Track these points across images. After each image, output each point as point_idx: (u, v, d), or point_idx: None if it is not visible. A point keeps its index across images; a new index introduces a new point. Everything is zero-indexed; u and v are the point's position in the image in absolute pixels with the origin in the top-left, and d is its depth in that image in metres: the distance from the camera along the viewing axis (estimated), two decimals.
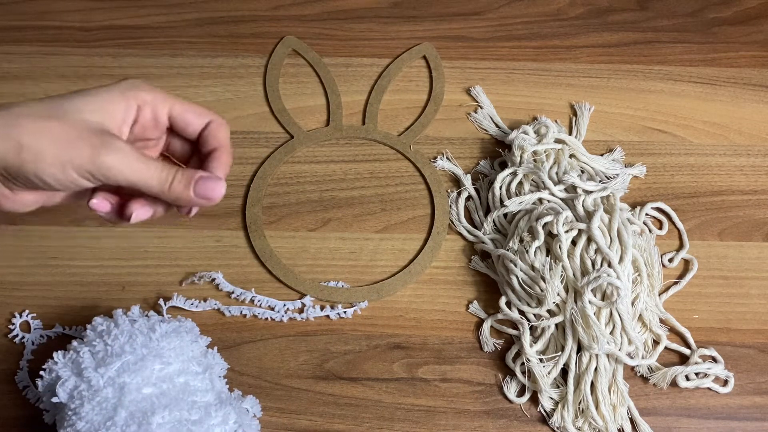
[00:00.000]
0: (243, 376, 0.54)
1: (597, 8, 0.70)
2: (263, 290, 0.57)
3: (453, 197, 0.61)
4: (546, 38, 0.68)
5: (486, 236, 0.58)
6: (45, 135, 0.37)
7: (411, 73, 0.67)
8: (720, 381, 0.54)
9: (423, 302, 0.57)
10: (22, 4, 0.69)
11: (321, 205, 0.61)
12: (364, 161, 0.63)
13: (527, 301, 0.54)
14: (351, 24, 0.69)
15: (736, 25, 0.69)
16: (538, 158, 0.60)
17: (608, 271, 0.52)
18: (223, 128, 0.43)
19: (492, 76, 0.66)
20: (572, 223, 0.54)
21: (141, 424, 0.45)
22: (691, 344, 0.55)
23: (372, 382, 0.54)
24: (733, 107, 0.65)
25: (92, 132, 0.38)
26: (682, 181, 0.62)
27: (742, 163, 0.63)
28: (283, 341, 0.55)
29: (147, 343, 0.48)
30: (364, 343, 0.56)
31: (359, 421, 0.53)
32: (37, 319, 0.56)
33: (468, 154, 0.63)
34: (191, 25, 0.68)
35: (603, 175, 0.61)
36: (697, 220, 0.60)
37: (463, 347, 0.56)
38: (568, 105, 0.65)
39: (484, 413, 0.53)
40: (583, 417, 0.52)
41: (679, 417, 0.53)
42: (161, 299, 0.56)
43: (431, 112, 0.64)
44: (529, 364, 0.53)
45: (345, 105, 0.65)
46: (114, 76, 0.65)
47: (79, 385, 0.47)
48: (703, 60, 0.67)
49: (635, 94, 0.66)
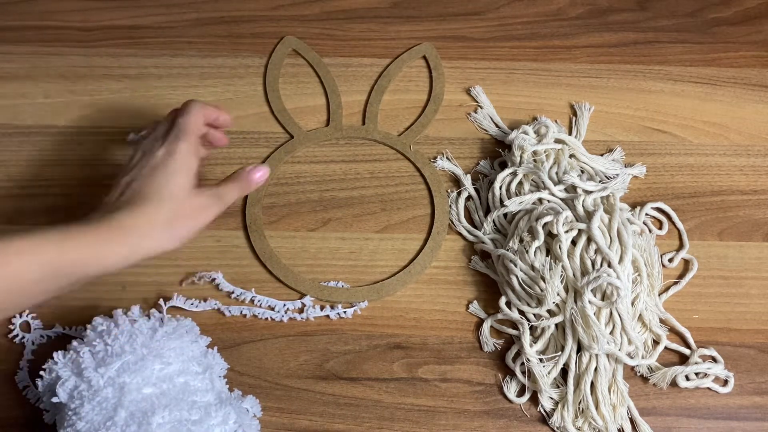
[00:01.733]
0: (243, 376, 0.54)
1: (597, 8, 0.70)
2: (263, 290, 0.57)
3: (453, 197, 0.61)
4: (546, 38, 0.68)
5: (486, 236, 0.58)
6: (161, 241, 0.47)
7: (411, 73, 0.67)
8: (720, 381, 0.54)
9: (423, 302, 0.57)
10: (22, 4, 0.69)
11: (321, 205, 0.61)
12: (364, 161, 0.63)
13: (527, 301, 0.54)
14: (351, 24, 0.69)
15: (736, 25, 0.69)
16: (538, 158, 0.60)
17: (608, 271, 0.52)
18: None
19: (492, 76, 0.66)
20: (572, 223, 0.54)
21: (141, 424, 0.45)
22: (691, 344, 0.55)
23: (372, 382, 0.54)
24: (733, 107, 0.65)
25: (191, 210, 0.49)
26: (682, 181, 0.62)
27: (742, 163, 0.63)
28: (283, 341, 0.56)
29: (147, 343, 0.48)
30: (364, 343, 0.56)
31: (359, 421, 0.53)
32: (37, 319, 0.56)
33: (468, 154, 0.63)
34: (191, 25, 0.68)
35: (603, 175, 0.61)
36: (697, 220, 0.60)
37: (463, 347, 0.56)
38: (568, 105, 0.65)
39: (484, 413, 0.53)
40: (583, 417, 0.52)
41: (679, 417, 0.53)
42: (161, 299, 0.56)
43: (431, 112, 0.64)
44: (529, 364, 0.53)
45: (345, 105, 0.65)
46: (114, 76, 0.65)
47: (79, 385, 0.47)
48: (703, 60, 0.67)
49: (635, 94, 0.66)
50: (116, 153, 0.62)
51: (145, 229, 0.46)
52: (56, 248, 0.43)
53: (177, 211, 0.47)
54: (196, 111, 0.52)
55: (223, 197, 0.51)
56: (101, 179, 0.61)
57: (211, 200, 0.50)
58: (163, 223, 0.47)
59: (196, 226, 0.48)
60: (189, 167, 0.49)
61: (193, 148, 0.51)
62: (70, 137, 0.63)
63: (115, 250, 0.45)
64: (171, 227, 0.47)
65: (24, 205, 0.60)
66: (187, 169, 0.49)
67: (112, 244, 0.45)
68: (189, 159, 0.50)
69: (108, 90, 0.65)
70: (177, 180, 0.48)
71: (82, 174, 0.61)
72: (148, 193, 0.47)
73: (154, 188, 0.47)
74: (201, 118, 0.53)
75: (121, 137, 0.62)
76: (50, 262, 0.42)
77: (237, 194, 0.52)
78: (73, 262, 0.43)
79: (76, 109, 0.64)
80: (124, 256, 0.45)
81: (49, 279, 0.43)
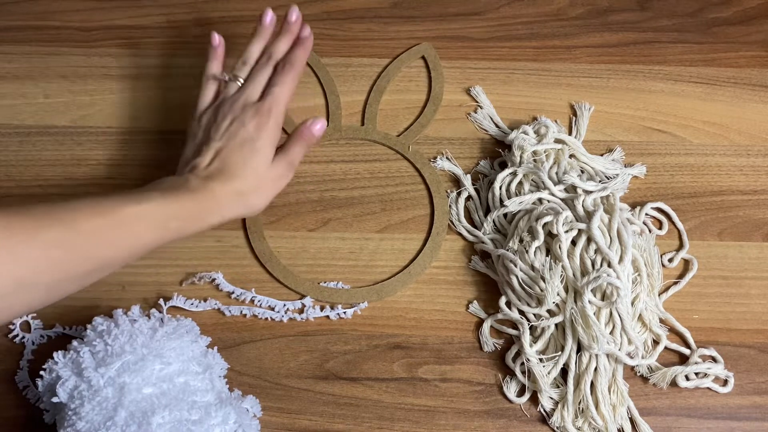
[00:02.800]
0: (243, 376, 0.54)
1: (597, 8, 0.70)
2: (263, 290, 0.57)
3: (453, 197, 0.61)
4: (546, 38, 0.68)
5: (486, 236, 0.58)
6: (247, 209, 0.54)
7: (410, 73, 0.67)
8: (720, 381, 0.54)
9: (423, 302, 0.57)
10: (22, 4, 0.69)
11: (321, 205, 0.61)
12: (364, 161, 0.63)
13: (527, 301, 0.54)
14: (350, 24, 0.69)
15: (736, 25, 0.69)
16: (538, 158, 0.60)
17: (608, 271, 0.52)
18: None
19: (492, 76, 0.66)
20: (572, 223, 0.54)
21: (141, 424, 0.45)
22: (691, 344, 0.55)
23: (372, 382, 0.54)
24: (733, 107, 0.65)
25: (271, 181, 0.55)
26: (682, 181, 0.62)
27: (742, 163, 0.63)
28: (283, 341, 0.56)
29: (147, 343, 0.48)
30: (364, 343, 0.56)
31: (359, 421, 0.53)
32: (37, 319, 0.56)
33: (468, 154, 0.63)
34: (191, 25, 0.68)
35: (603, 175, 0.61)
36: (697, 220, 0.60)
37: (463, 347, 0.56)
38: (568, 105, 0.65)
39: (484, 413, 0.53)
40: (583, 417, 0.52)
41: (679, 417, 0.53)
42: (161, 299, 0.56)
43: (430, 113, 0.64)
44: (529, 364, 0.53)
45: (344, 105, 0.65)
46: (114, 76, 0.65)
47: (79, 385, 0.47)
48: (703, 60, 0.67)
49: (635, 94, 0.66)
50: (116, 153, 0.62)
51: (234, 197, 0.52)
52: (167, 213, 0.49)
53: (259, 184, 0.54)
54: (291, 81, 0.57)
55: (294, 162, 0.56)
56: (101, 179, 0.61)
57: (285, 169, 0.55)
58: (248, 193, 0.53)
59: (274, 193, 0.55)
60: (273, 142, 0.55)
61: (280, 122, 0.56)
62: (70, 137, 0.63)
63: (211, 215, 0.51)
64: (255, 197, 0.53)
65: (24, 205, 0.60)
66: (271, 144, 0.54)
67: (209, 211, 0.51)
68: (275, 134, 0.55)
69: (108, 90, 0.65)
70: (262, 155, 0.54)
71: (81, 174, 0.61)
72: (237, 164, 0.53)
73: (242, 161, 0.53)
74: (294, 90, 0.57)
75: (121, 137, 0.63)
76: (164, 225, 0.49)
77: (303, 152, 0.57)
78: (179, 225, 0.49)
79: (76, 109, 0.64)
80: (217, 220, 0.52)
81: (160, 239, 0.49)
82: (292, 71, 0.57)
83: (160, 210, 0.48)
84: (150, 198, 0.48)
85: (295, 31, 0.60)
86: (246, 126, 0.54)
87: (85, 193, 0.60)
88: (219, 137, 0.54)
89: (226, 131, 0.54)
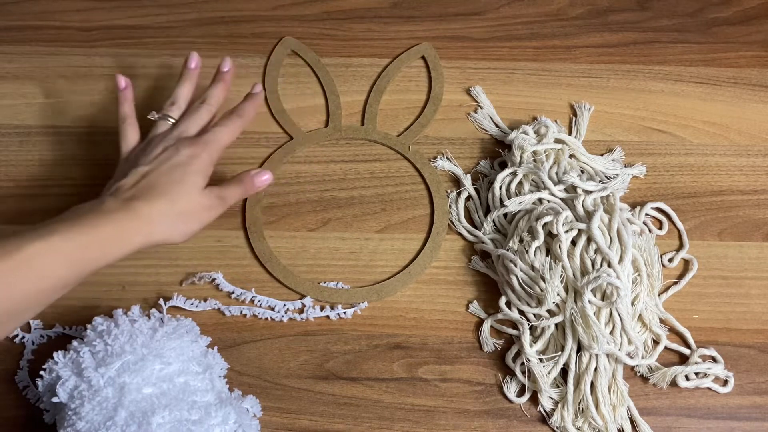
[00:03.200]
0: (243, 376, 0.54)
1: (597, 8, 0.70)
2: (263, 290, 0.57)
3: (453, 197, 0.61)
4: (546, 38, 0.68)
5: (486, 236, 0.58)
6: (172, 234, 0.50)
7: (410, 73, 0.67)
8: (720, 381, 0.54)
9: (423, 302, 0.57)
10: (22, 4, 0.69)
11: (321, 205, 0.61)
12: (364, 161, 0.63)
13: (527, 301, 0.54)
14: (350, 24, 0.69)
15: (736, 25, 0.69)
16: (538, 158, 0.60)
17: (608, 271, 0.52)
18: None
19: (492, 76, 0.66)
20: (572, 223, 0.54)
21: (141, 424, 0.45)
22: (691, 344, 0.55)
23: (372, 382, 0.54)
24: (733, 107, 0.65)
25: (200, 208, 0.52)
26: (682, 181, 0.62)
27: (742, 163, 0.63)
28: (283, 341, 0.56)
29: (147, 343, 0.48)
30: (364, 343, 0.56)
31: (359, 421, 0.53)
32: (37, 319, 0.56)
33: (468, 154, 0.63)
34: (191, 25, 0.68)
35: (603, 175, 0.61)
36: (697, 220, 0.60)
37: (463, 347, 0.56)
38: (568, 105, 0.65)
39: (484, 413, 0.53)
40: (583, 417, 0.52)
41: (679, 417, 0.53)
42: (161, 299, 0.56)
43: (430, 113, 0.64)
44: (529, 364, 0.53)
45: (344, 105, 0.65)
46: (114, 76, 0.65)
47: (79, 385, 0.47)
48: (703, 60, 0.67)
49: (635, 94, 0.66)
50: (116, 153, 0.62)
51: (160, 220, 0.49)
52: (79, 242, 0.45)
53: (187, 209, 0.51)
54: (235, 128, 0.56)
55: (226, 199, 0.54)
56: (101, 179, 0.61)
57: (215, 201, 0.53)
58: (174, 217, 0.50)
59: (200, 224, 0.52)
60: (205, 174, 0.53)
61: (214, 159, 0.54)
62: (70, 137, 0.63)
63: (135, 236, 0.48)
64: (181, 222, 0.50)
65: (24, 205, 0.60)
66: (204, 174, 0.52)
67: (133, 231, 0.48)
68: (208, 167, 0.53)
69: (108, 90, 0.65)
70: (193, 180, 0.51)
71: (81, 174, 0.61)
72: (166, 184, 0.50)
73: (171, 184, 0.50)
74: (235, 138, 0.56)
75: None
76: (78, 257, 0.45)
77: (239, 196, 0.55)
78: (98, 253, 0.46)
79: (76, 109, 0.64)
80: (139, 243, 0.48)
81: (79, 271, 0.45)
82: (239, 120, 0.56)
83: (68, 242, 0.44)
84: (54, 231, 0.44)
85: (228, 80, 0.59)
86: (180, 152, 0.52)
87: (79, 194, 0.60)
88: (148, 162, 0.52)
89: (156, 157, 0.52)
